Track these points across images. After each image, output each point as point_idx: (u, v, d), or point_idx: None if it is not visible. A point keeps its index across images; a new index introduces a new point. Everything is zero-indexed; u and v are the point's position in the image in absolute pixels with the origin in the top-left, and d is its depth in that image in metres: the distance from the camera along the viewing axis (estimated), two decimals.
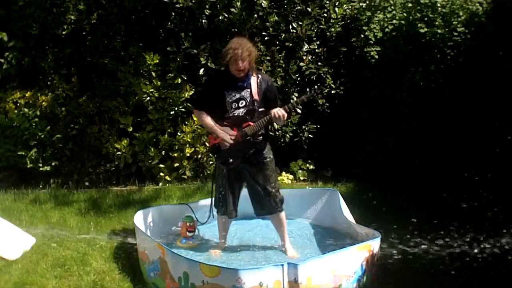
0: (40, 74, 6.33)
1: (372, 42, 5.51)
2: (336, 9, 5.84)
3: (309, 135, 5.99)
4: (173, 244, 4.09)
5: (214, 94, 3.77)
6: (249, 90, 3.75)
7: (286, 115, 3.72)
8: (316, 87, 4.02)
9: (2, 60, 6.28)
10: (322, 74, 5.85)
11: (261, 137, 3.84)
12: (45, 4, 6.18)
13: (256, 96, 3.75)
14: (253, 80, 3.77)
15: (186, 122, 5.80)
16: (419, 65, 5.35)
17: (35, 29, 6.25)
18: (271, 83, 3.91)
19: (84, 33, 6.15)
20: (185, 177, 5.89)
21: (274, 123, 4.51)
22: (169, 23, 5.80)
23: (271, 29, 5.74)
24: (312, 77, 5.85)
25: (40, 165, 5.99)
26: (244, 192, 3.99)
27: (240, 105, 3.75)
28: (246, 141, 3.75)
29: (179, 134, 5.82)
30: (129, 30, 5.98)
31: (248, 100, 3.75)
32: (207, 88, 3.86)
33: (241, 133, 3.75)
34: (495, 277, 3.54)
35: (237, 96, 3.74)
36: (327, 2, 5.92)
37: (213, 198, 4.04)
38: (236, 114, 3.76)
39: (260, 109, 3.78)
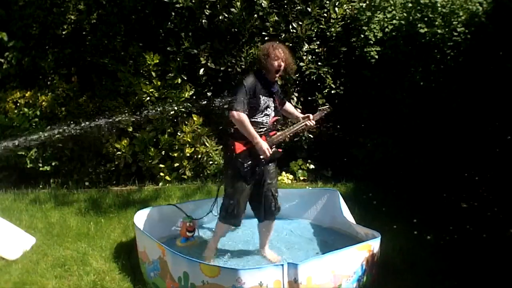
0: (40, 74, 6.33)
1: (372, 42, 5.51)
2: (336, 9, 5.84)
3: (309, 135, 5.99)
4: (173, 244, 4.09)
5: (252, 97, 3.61)
6: (273, 98, 3.74)
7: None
8: (326, 107, 3.93)
9: (2, 60, 6.28)
10: (322, 74, 5.85)
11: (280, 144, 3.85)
12: (45, 4, 6.19)
13: (278, 105, 3.78)
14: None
15: (186, 122, 5.80)
16: (419, 65, 5.35)
17: (35, 29, 6.26)
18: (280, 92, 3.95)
19: (84, 33, 6.15)
20: (185, 177, 5.89)
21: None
22: (169, 23, 5.80)
23: (271, 29, 5.74)
24: (312, 77, 5.86)
25: (40, 165, 6.00)
26: None
27: (267, 113, 3.70)
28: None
29: (179, 134, 5.82)
30: (129, 30, 5.98)
31: (273, 108, 3.74)
32: (247, 90, 3.59)
33: (270, 142, 3.69)
34: (494, 276, 3.54)
35: (268, 103, 3.69)
36: (327, 2, 5.92)
37: (221, 208, 3.81)
38: (265, 122, 3.69)
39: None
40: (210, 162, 5.87)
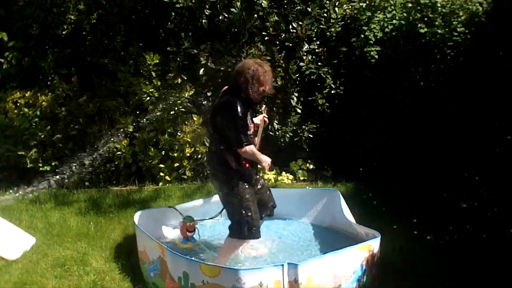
0: (40, 74, 6.32)
1: (372, 42, 5.50)
2: (336, 9, 5.83)
3: (309, 135, 5.98)
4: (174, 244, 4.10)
5: (246, 123, 3.58)
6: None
7: None
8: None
9: (2, 60, 6.28)
10: (322, 74, 5.85)
11: None
12: (45, 4, 6.18)
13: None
14: None
15: (186, 122, 5.80)
16: (419, 65, 5.35)
17: (35, 29, 6.25)
18: None
19: (84, 33, 6.14)
20: (185, 177, 5.88)
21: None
22: (169, 23, 5.80)
23: (271, 29, 5.74)
24: (312, 77, 5.86)
25: (40, 165, 6.00)
26: None
27: (251, 126, 3.69)
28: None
29: (179, 134, 5.82)
30: (129, 30, 5.98)
31: (251, 123, 3.71)
32: (242, 118, 3.53)
33: None
34: (494, 276, 3.55)
35: (251, 118, 3.72)
36: (327, 2, 5.92)
37: (237, 226, 3.61)
38: (251, 136, 3.70)
39: None
40: None
